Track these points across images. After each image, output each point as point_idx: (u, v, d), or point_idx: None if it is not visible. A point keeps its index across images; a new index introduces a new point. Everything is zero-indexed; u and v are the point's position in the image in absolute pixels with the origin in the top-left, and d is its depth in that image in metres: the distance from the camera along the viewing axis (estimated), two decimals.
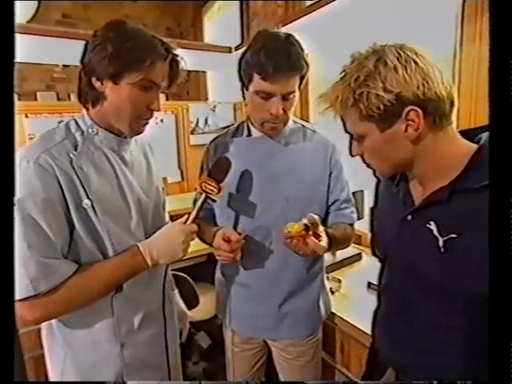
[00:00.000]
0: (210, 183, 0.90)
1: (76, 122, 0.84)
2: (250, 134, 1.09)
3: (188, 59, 0.88)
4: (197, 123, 2.49)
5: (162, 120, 2.34)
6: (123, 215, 0.86)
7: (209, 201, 0.94)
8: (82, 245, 0.79)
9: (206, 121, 2.53)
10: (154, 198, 0.97)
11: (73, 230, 0.78)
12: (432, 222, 0.65)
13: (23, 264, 0.70)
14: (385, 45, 0.62)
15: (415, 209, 0.69)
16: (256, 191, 1.04)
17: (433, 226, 0.64)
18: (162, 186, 1.03)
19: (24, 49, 0.90)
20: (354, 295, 1.41)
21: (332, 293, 1.36)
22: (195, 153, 2.41)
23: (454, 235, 0.61)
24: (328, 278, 1.42)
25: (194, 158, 2.41)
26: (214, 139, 1.15)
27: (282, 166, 1.04)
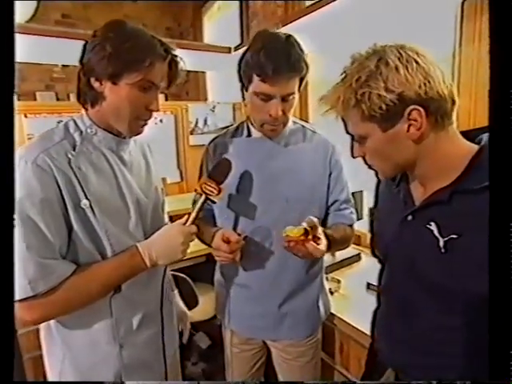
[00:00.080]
0: (210, 184, 0.90)
1: (75, 123, 0.84)
2: (249, 135, 1.09)
3: (187, 59, 0.88)
4: (196, 123, 2.49)
5: (161, 120, 2.34)
6: (122, 215, 0.86)
7: (208, 202, 0.94)
8: (81, 245, 0.79)
9: (206, 121, 2.53)
10: (153, 199, 0.97)
11: (71, 231, 0.78)
12: (432, 223, 0.65)
13: (22, 265, 0.70)
14: (385, 45, 0.62)
15: (416, 209, 0.69)
16: (256, 192, 1.04)
17: (433, 226, 0.64)
18: (161, 186, 1.03)
19: (23, 49, 0.89)
20: (353, 296, 1.40)
21: (331, 293, 1.36)
22: (194, 153, 2.41)
23: (454, 236, 0.61)
24: (327, 279, 1.42)
25: (194, 158, 2.41)
26: (214, 139, 1.14)
27: (281, 166, 1.04)
